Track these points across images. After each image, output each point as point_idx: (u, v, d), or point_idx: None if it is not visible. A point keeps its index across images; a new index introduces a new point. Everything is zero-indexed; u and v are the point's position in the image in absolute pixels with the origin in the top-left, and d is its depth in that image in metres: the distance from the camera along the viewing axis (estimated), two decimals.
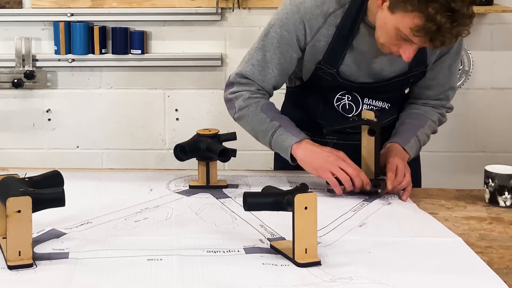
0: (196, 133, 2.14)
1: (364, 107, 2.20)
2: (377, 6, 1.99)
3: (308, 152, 2.07)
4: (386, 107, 2.22)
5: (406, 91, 2.33)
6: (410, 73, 2.17)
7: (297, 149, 2.08)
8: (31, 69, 3.45)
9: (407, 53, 1.98)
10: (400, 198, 2.05)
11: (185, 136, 2.22)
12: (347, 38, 2.10)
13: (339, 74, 2.15)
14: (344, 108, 2.21)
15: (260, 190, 1.71)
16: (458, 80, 3.48)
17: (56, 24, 3.44)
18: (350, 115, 2.20)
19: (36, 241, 1.68)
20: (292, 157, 2.10)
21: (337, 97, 2.20)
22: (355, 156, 2.09)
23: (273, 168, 2.41)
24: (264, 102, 2.16)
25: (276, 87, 2.20)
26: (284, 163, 2.24)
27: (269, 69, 2.14)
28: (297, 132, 2.11)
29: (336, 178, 2.03)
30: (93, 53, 3.45)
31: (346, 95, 2.20)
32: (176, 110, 3.56)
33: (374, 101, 2.21)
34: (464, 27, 1.92)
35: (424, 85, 2.24)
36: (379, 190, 2.04)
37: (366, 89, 2.18)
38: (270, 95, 2.22)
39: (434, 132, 2.28)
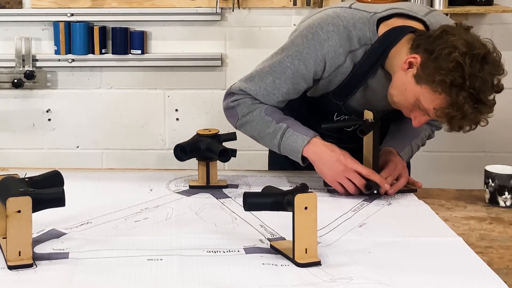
0: (196, 133, 2.14)
1: None
2: (402, 69, 1.96)
3: (318, 156, 2.06)
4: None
5: None
6: None
7: (307, 152, 2.06)
8: (31, 69, 3.45)
9: (418, 120, 1.98)
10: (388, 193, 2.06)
11: (185, 136, 2.22)
12: (363, 77, 2.07)
13: (345, 107, 2.13)
14: (344, 121, 2.19)
15: (260, 190, 1.71)
16: None
17: (56, 24, 3.44)
18: (350, 129, 2.17)
19: (36, 241, 1.68)
20: (303, 157, 2.09)
21: (337, 113, 2.19)
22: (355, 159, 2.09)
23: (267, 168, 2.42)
24: (268, 105, 2.11)
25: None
26: (279, 164, 2.24)
27: (274, 96, 2.09)
28: (306, 131, 2.08)
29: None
30: (93, 53, 3.45)
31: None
32: (176, 110, 3.55)
33: None
34: (485, 116, 1.91)
35: None
36: (375, 191, 2.04)
37: None
38: None
39: (423, 145, 2.29)
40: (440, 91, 1.87)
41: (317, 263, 1.60)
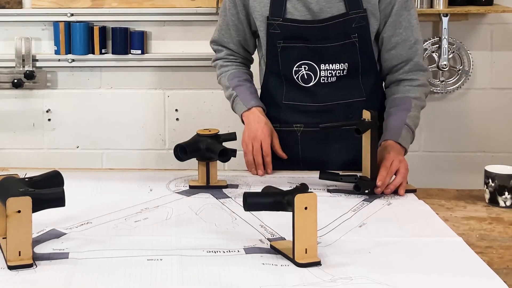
0: (196, 133, 2.14)
1: (321, 73, 2.27)
2: None
3: (248, 121, 2.30)
4: (345, 67, 2.27)
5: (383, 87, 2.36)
6: (348, 16, 2.23)
7: (244, 116, 2.32)
8: (31, 69, 3.45)
9: None
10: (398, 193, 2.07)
11: (185, 136, 2.23)
12: None
13: (286, 21, 2.26)
14: (304, 79, 2.30)
15: (260, 190, 1.71)
16: (458, 80, 3.48)
17: (56, 24, 3.44)
18: (309, 85, 2.28)
19: (36, 241, 1.68)
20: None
21: (295, 70, 2.29)
22: (323, 144, 2.25)
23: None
24: (232, 71, 2.41)
25: (245, 48, 2.42)
26: None
27: (229, 31, 2.40)
28: (248, 101, 2.32)
29: None
30: (93, 53, 3.45)
31: (303, 66, 2.28)
32: (176, 110, 3.56)
33: (330, 65, 2.27)
34: None
35: (389, 46, 2.28)
36: (366, 191, 2.04)
37: (314, 37, 2.25)
38: (245, 57, 2.45)
39: (422, 107, 2.30)
40: None
41: (317, 263, 1.60)
